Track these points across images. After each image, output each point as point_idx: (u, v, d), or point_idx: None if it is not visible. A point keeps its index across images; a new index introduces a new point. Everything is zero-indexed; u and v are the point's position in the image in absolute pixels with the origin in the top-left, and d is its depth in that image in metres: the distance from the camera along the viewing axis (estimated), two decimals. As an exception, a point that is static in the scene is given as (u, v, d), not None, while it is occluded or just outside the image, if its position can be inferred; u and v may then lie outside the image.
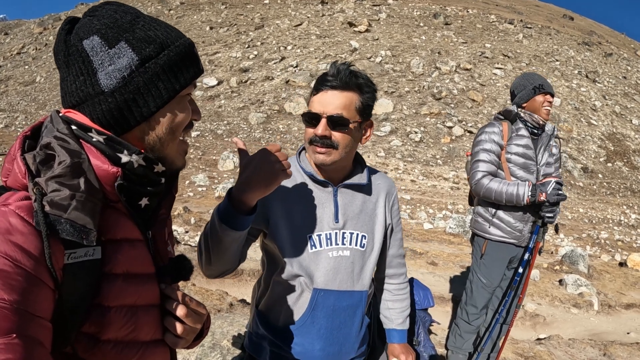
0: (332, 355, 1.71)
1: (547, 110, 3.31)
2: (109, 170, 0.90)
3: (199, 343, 1.19)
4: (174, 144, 1.02)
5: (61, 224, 0.80)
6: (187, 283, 4.47)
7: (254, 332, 1.79)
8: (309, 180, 1.68)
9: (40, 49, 42.93)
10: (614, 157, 24.37)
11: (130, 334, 0.95)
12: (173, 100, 0.98)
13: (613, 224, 16.09)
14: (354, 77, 1.57)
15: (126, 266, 0.94)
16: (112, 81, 0.90)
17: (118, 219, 0.95)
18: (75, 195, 0.82)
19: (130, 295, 0.94)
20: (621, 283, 7.61)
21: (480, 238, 3.48)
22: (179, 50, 0.97)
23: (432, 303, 2.47)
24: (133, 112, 0.93)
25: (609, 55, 37.57)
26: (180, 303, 1.03)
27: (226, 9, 43.79)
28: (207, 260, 1.47)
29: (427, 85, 26.57)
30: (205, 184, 13.30)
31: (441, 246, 8.88)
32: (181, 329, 1.03)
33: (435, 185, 18.34)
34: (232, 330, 3.39)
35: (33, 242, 0.78)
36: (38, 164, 0.85)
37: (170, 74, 0.95)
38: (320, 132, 1.55)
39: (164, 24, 0.99)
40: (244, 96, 27.32)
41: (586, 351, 4.72)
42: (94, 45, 0.90)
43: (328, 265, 1.64)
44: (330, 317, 1.67)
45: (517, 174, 3.30)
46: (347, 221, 1.68)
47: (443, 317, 5.22)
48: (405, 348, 1.89)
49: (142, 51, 0.92)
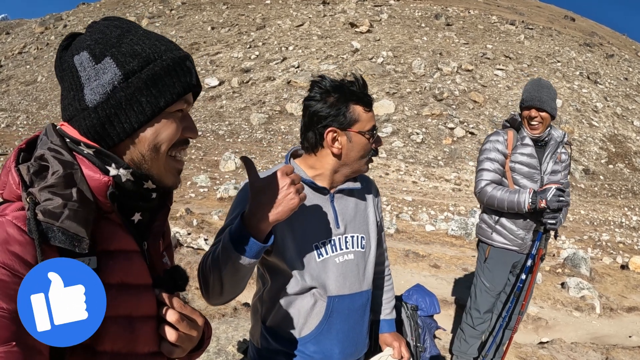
0: (350, 355, 1.76)
1: (534, 126, 3.26)
2: (101, 179, 0.91)
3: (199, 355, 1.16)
4: (159, 162, 0.98)
5: (53, 232, 0.80)
6: (189, 288, 4.48)
7: (264, 348, 1.76)
8: (307, 189, 1.66)
9: (42, 49, 42.94)
10: (615, 159, 24.35)
11: (127, 346, 0.94)
12: (159, 116, 0.95)
13: (614, 226, 16.08)
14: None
15: (120, 276, 0.93)
16: (95, 96, 0.91)
17: (113, 230, 0.95)
18: (67, 204, 0.83)
19: (125, 305, 0.93)
20: (623, 286, 7.60)
21: (484, 244, 3.51)
22: (165, 65, 0.94)
23: (438, 310, 2.47)
24: (115, 128, 0.92)
25: (611, 57, 37.54)
26: (172, 309, 1.00)
27: (228, 9, 43.80)
28: (219, 291, 1.43)
29: (428, 86, 26.56)
30: (206, 185, 13.30)
31: (443, 248, 8.87)
32: (175, 336, 0.99)
33: (436, 187, 18.34)
34: (237, 335, 3.40)
35: (30, 252, 0.79)
36: (32, 175, 0.86)
37: (154, 89, 0.93)
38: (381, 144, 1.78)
39: (157, 38, 0.96)
40: (246, 96, 27.33)
41: (588, 355, 4.73)
42: (82, 61, 0.91)
43: (337, 272, 1.67)
44: (345, 320, 1.70)
45: (521, 182, 3.30)
46: (346, 225, 1.72)
47: (446, 321, 5.23)
48: (396, 336, 1.97)
49: (125, 66, 0.91)
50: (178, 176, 1.05)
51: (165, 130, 0.96)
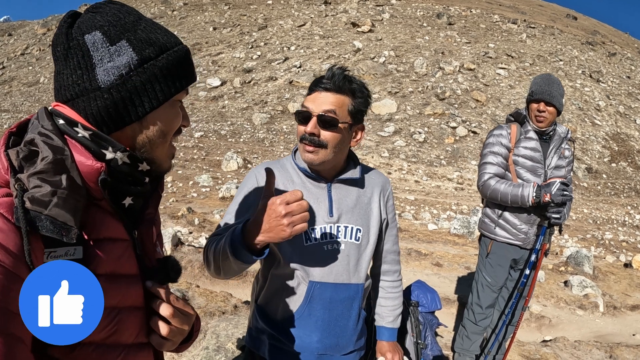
0: (330, 347, 1.74)
1: (540, 118, 3.23)
2: (93, 165, 0.90)
3: (188, 347, 1.16)
4: (164, 147, 1.02)
5: (41, 220, 0.79)
6: (191, 284, 4.47)
7: (254, 327, 1.82)
8: (303, 177, 1.72)
9: (44, 50, 43.09)
10: (618, 157, 24.28)
11: (112, 337, 0.93)
12: (167, 104, 0.98)
13: (617, 224, 16.03)
14: (347, 82, 1.63)
15: (110, 266, 0.92)
16: (109, 78, 0.90)
17: (103, 217, 0.94)
18: (56, 192, 0.81)
19: (114, 296, 0.92)
20: (626, 284, 7.57)
21: (486, 238, 3.49)
22: (177, 55, 0.98)
23: (440, 306, 2.45)
24: (128, 111, 0.93)
25: (613, 55, 37.45)
26: (166, 302, 1.00)
27: (229, 10, 43.85)
28: (217, 272, 1.53)
29: (430, 85, 26.53)
30: (209, 185, 13.30)
31: (446, 247, 8.85)
32: (167, 330, 1.00)
33: (439, 186, 18.31)
34: (237, 332, 3.38)
35: (12, 240, 0.77)
36: (21, 160, 0.85)
37: (168, 77, 0.96)
38: (310, 129, 1.60)
39: (164, 29, 1.00)
40: (248, 96, 27.35)
41: (592, 353, 4.70)
42: (95, 41, 0.90)
43: (323, 258, 1.68)
44: (327, 309, 1.70)
45: (524, 176, 3.28)
46: (341, 215, 1.71)
47: (448, 319, 5.20)
48: (394, 346, 1.93)
49: (142, 52, 0.93)
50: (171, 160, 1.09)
51: (174, 118, 1.02)
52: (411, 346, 2.17)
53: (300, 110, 1.65)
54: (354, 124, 1.67)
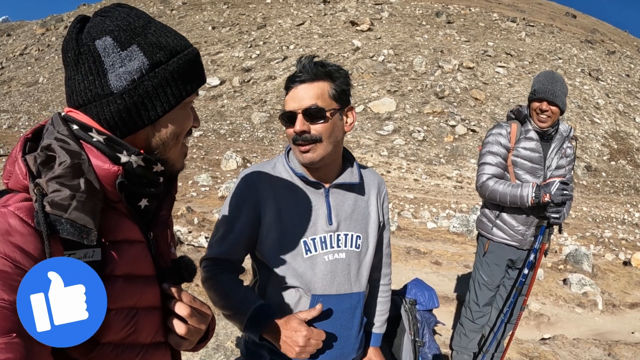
0: (334, 358, 1.67)
1: (542, 118, 3.13)
2: (110, 169, 0.91)
3: (204, 345, 1.18)
4: (177, 148, 1.04)
5: (62, 223, 0.80)
6: (190, 283, 4.47)
7: (250, 341, 1.73)
8: (300, 182, 1.62)
9: (43, 50, 43.04)
10: (617, 156, 24.30)
11: (130, 337, 0.94)
12: (178, 107, 0.99)
13: (617, 222, 16.04)
14: (320, 67, 1.55)
15: (127, 268, 0.94)
16: (122, 83, 0.91)
17: (119, 220, 0.95)
18: (75, 196, 0.83)
19: (131, 297, 0.94)
20: (625, 282, 7.58)
21: (483, 237, 3.47)
22: (188, 59, 0.98)
23: (437, 304, 2.46)
24: (141, 115, 0.94)
25: (612, 53, 37.45)
26: (183, 303, 1.02)
27: (228, 9, 43.82)
28: (220, 311, 1.64)
29: (429, 84, 26.54)
30: (208, 184, 13.31)
31: (445, 245, 8.86)
32: (184, 330, 1.02)
33: (438, 184, 18.33)
34: (236, 331, 3.39)
35: (32, 243, 0.78)
36: (39, 165, 0.86)
37: (179, 81, 0.97)
38: (299, 128, 1.52)
39: (174, 32, 1.00)
40: (247, 96, 27.35)
41: (591, 351, 4.71)
42: (106, 46, 0.90)
43: (325, 270, 1.60)
44: (330, 321, 1.63)
45: (523, 177, 3.22)
46: (340, 222, 1.63)
47: (447, 317, 5.21)
48: (376, 352, 1.87)
49: (153, 56, 0.93)
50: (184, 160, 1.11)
51: (185, 120, 1.03)
52: (409, 344, 2.16)
53: (283, 112, 1.56)
54: (341, 108, 1.58)
